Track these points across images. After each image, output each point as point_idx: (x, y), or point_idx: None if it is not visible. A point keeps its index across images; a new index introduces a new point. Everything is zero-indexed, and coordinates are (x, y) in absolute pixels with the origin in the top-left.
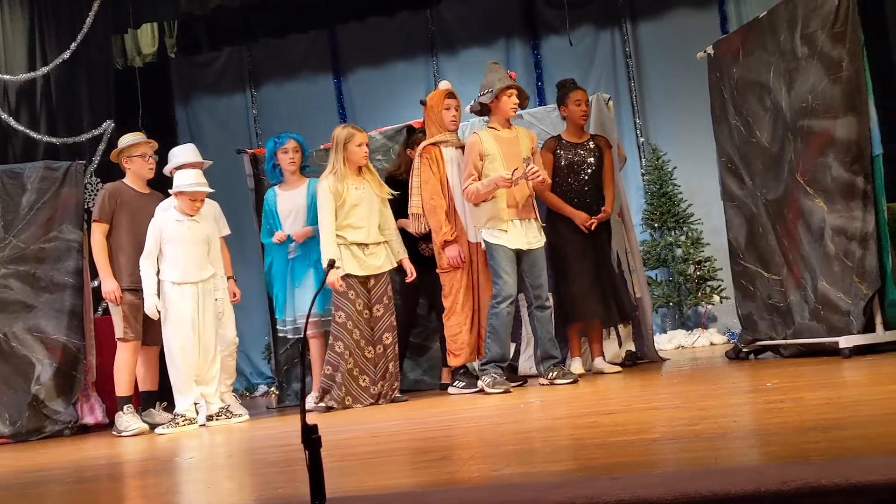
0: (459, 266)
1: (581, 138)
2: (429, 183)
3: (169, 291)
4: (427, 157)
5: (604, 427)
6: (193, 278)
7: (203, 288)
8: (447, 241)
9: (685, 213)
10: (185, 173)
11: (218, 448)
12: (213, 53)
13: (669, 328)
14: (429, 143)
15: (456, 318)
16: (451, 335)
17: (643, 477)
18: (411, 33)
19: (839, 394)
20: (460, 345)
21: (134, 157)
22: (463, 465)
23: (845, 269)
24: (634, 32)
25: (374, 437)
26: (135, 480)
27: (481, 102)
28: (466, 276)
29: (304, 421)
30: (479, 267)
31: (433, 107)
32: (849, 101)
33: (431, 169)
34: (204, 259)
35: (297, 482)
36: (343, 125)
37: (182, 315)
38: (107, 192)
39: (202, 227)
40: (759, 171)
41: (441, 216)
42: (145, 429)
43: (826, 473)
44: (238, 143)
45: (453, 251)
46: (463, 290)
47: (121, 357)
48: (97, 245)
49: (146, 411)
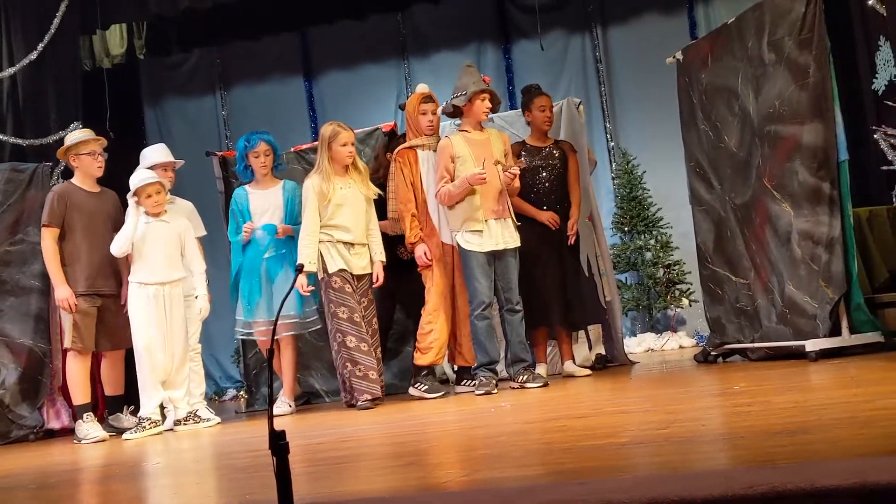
0: (428, 265)
1: (545, 143)
2: (399, 188)
3: (136, 292)
4: (401, 161)
5: (573, 431)
6: (161, 279)
7: (171, 289)
8: (412, 243)
9: (655, 217)
10: (136, 174)
11: (186, 453)
12: (182, 55)
13: (639, 331)
14: (404, 147)
15: (427, 317)
16: (421, 332)
17: (611, 482)
18: (383, 36)
19: (806, 397)
20: (428, 343)
21: (82, 154)
22: (432, 471)
23: (812, 274)
24: (605, 37)
25: (344, 441)
26: (100, 486)
27: (454, 105)
28: (442, 276)
29: (272, 427)
30: (454, 269)
31: (409, 112)
32: (815, 107)
33: (403, 172)
34: (173, 259)
35: (265, 488)
36: (329, 123)
37: (148, 316)
38: (55, 194)
39: (171, 226)
40: (727, 176)
41: (409, 220)
42: (105, 437)
43: (792, 478)
44: (208, 145)
45: (419, 250)
46: (436, 290)
47: (71, 366)
48: (48, 251)
49: (114, 416)
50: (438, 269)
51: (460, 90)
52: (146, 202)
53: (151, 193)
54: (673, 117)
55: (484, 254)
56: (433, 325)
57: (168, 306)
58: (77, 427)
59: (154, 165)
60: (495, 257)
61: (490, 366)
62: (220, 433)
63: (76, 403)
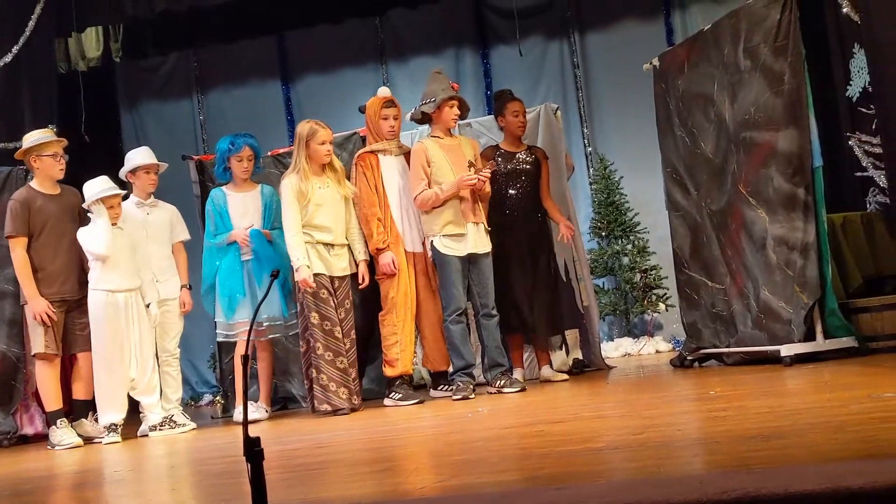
0: (393, 273)
1: (519, 148)
2: (362, 192)
3: (103, 300)
4: (362, 165)
5: (550, 436)
6: (129, 286)
7: (136, 296)
8: (379, 248)
9: (632, 223)
10: (91, 184)
11: (161, 459)
12: (159, 58)
13: (616, 336)
14: (365, 151)
15: (391, 328)
16: (387, 345)
17: (588, 487)
18: (361, 41)
19: (780, 402)
20: (394, 355)
21: (44, 156)
22: (408, 477)
23: (787, 279)
24: (583, 43)
25: (320, 447)
26: (74, 493)
27: (423, 111)
28: (403, 284)
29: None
30: (417, 276)
31: (370, 116)
32: (790, 113)
33: (366, 176)
34: (134, 266)
35: (241, 494)
36: (307, 121)
37: (114, 325)
38: (17, 203)
39: (126, 234)
40: (703, 182)
41: (373, 224)
42: (80, 443)
43: (766, 483)
44: (185, 148)
45: (386, 258)
46: (399, 298)
47: (42, 373)
48: (19, 262)
49: (77, 421)
50: (402, 277)
51: (429, 97)
52: (108, 213)
53: (114, 205)
54: (650, 123)
55: (460, 259)
56: (397, 337)
57: (135, 313)
58: (51, 433)
59: (137, 168)
60: (470, 262)
61: (467, 370)
62: (196, 439)
63: (49, 410)
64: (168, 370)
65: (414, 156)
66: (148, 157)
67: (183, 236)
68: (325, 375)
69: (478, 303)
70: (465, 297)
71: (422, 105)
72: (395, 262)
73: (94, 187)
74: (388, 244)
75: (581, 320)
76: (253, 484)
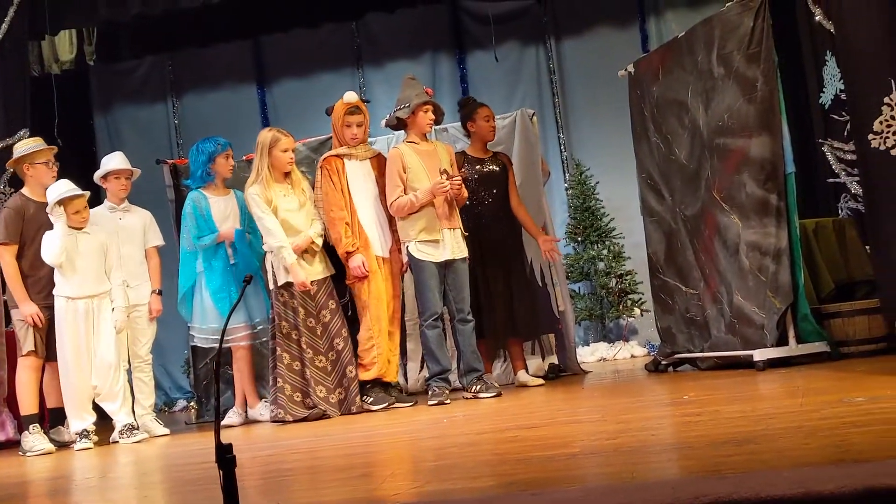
0: (364, 276)
1: (486, 154)
2: (329, 195)
3: (64, 307)
4: (327, 169)
5: (525, 441)
6: (91, 292)
7: (100, 302)
8: (349, 252)
9: (607, 228)
10: (52, 187)
11: (133, 466)
12: (134, 62)
13: (592, 341)
14: (331, 155)
15: (367, 333)
16: (363, 349)
17: (563, 492)
18: (337, 45)
19: (753, 407)
20: (371, 359)
21: (37, 164)
22: (383, 483)
23: (759, 284)
24: (558, 49)
25: (294, 453)
26: (45, 500)
27: (398, 117)
28: (375, 288)
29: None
30: (387, 279)
31: (334, 121)
32: (763, 120)
33: (332, 180)
34: (101, 272)
35: (214, 501)
36: (269, 129)
37: (77, 332)
38: (11, 210)
39: (95, 238)
40: (677, 188)
41: (341, 228)
42: (51, 449)
43: (738, 488)
44: (159, 153)
45: (356, 261)
46: (373, 302)
47: (25, 375)
48: (9, 269)
49: (55, 429)
50: (374, 281)
51: (403, 102)
52: (74, 217)
53: (79, 209)
54: (625, 129)
55: (436, 264)
56: (374, 341)
57: (96, 320)
58: (23, 439)
59: (109, 173)
60: (446, 268)
61: (442, 375)
62: (169, 445)
63: (24, 413)
64: (140, 376)
65: (390, 162)
66: (120, 163)
67: (156, 241)
68: (288, 386)
69: (453, 308)
70: (442, 303)
71: (396, 111)
72: (366, 265)
73: (53, 191)
74: (357, 247)
75: (557, 325)
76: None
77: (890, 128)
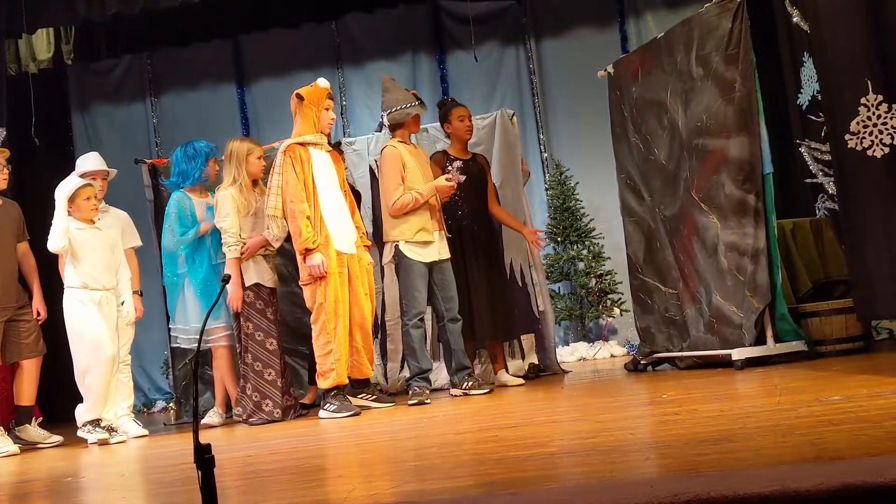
0: (322, 276)
1: (467, 155)
2: (291, 185)
3: (78, 297)
4: (291, 156)
5: (504, 441)
6: (104, 284)
7: (111, 295)
8: (309, 248)
9: (587, 228)
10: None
11: (112, 467)
12: (112, 61)
13: (572, 340)
14: (295, 142)
15: (324, 338)
16: (320, 354)
17: (541, 492)
18: (317, 45)
19: (731, 406)
20: (329, 365)
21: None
22: (361, 483)
23: (738, 284)
24: (538, 50)
25: (273, 454)
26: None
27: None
28: (335, 288)
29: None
30: (352, 279)
31: (312, 103)
32: (741, 121)
33: (295, 169)
34: (111, 267)
35: (193, 502)
36: (239, 139)
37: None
38: None
39: (105, 234)
40: (657, 188)
41: (302, 222)
42: (16, 451)
43: (716, 486)
44: (137, 152)
45: (316, 259)
46: (330, 305)
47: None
48: None
49: (21, 427)
50: (332, 281)
51: (394, 105)
52: (84, 205)
53: (90, 196)
54: (605, 130)
55: (425, 264)
56: (332, 346)
57: (108, 312)
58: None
59: (85, 174)
60: (433, 269)
61: (423, 375)
62: (148, 446)
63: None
64: (119, 377)
65: (390, 160)
66: (96, 164)
67: (134, 243)
68: (250, 385)
69: (442, 308)
70: (427, 302)
71: (395, 111)
72: (325, 265)
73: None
74: (318, 244)
75: (537, 325)
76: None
77: (866, 128)
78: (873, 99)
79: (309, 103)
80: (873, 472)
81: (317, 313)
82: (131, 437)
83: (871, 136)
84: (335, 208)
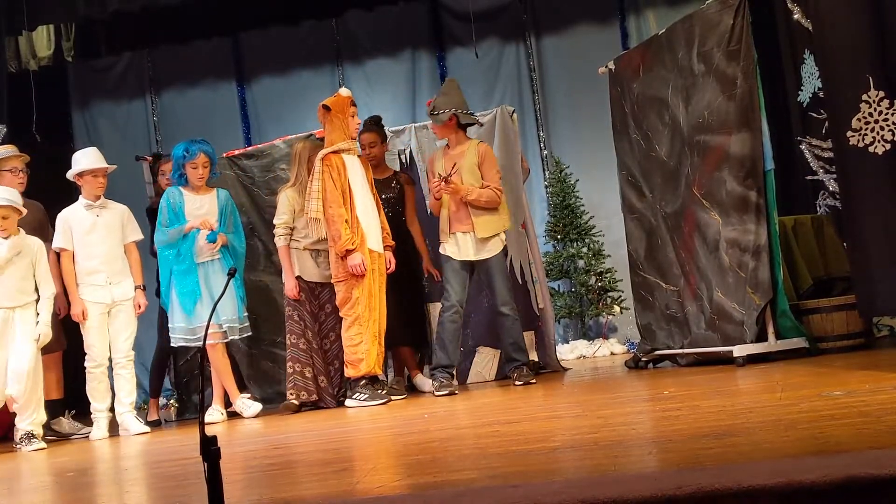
0: (362, 274)
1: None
2: (329, 191)
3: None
4: (328, 165)
5: (506, 436)
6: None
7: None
8: (349, 249)
9: (587, 225)
10: None
11: (114, 462)
12: (112, 58)
13: (571, 338)
14: (330, 152)
15: (357, 329)
16: (351, 345)
17: (544, 485)
18: (317, 42)
19: (732, 402)
20: (359, 356)
21: (3, 171)
22: (364, 476)
23: (739, 281)
24: (538, 46)
25: (277, 448)
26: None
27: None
28: (367, 284)
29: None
30: (379, 276)
31: (338, 113)
32: (743, 117)
33: (332, 177)
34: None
35: (196, 496)
36: (302, 140)
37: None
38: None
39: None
40: (658, 185)
41: (341, 225)
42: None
43: (718, 479)
44: (138, 149)
45: (357, 259)
46: (364, 300)
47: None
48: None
49: (55, 420)
50: (368, 277)
51: (466, 107)
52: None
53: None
54: (605, 126)
55: (459, 262)
56: (363, 336)
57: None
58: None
59: (83, 172)
60: (474, 267)
61: (448, 368)
62: (150, 442)
63: None
64: (122, 372)
65: (489, 154)
66: (95, 161)
67: (135, 236)
68: (308, 370)
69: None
70: (464, 297)
71: (467, 113)
72: (365, 263)
73: None
74: (357, 245)
75: (536, 323)
76: (209, 483)
77: (868, 125)
78: (875, 95)
79: (336, 112)
80: (878, 464)
81: (352, 307)
82: (132, 433)
83: (873, 132)
84: (367, 210)
